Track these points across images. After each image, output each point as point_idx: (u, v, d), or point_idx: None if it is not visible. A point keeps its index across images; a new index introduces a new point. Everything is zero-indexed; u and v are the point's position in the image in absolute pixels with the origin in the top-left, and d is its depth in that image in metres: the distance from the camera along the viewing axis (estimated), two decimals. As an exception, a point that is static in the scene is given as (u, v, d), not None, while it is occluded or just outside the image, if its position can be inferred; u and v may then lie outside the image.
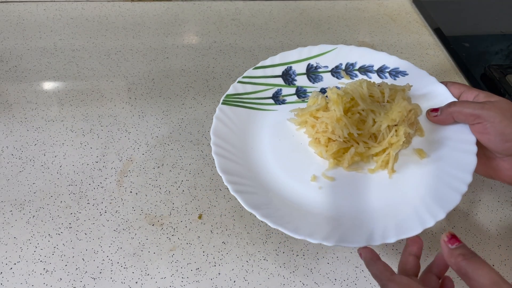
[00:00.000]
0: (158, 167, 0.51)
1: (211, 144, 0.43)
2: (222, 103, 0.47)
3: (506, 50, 0.74)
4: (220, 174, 0.41)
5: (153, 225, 0.46)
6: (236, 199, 0.39)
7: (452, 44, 0.72)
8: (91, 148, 0.52)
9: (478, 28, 0.79)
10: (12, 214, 0.46)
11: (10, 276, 0.41)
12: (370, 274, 0.43)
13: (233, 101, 0.48)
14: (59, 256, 0.43)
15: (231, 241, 0.45)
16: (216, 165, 0.41)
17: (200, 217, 0.47)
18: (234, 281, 0.42)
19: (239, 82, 0.49)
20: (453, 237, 0.34)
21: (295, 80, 0.51)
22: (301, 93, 0.51)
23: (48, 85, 0.60)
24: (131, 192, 0.49)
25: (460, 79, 0.67)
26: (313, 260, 0.44)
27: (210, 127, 0.45)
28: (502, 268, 0.45)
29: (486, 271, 0.31)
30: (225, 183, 0.40)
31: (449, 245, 0.33)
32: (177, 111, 0.58)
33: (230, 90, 0.48)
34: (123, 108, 0.58)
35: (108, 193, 0.48)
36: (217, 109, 0.46)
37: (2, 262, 0.42)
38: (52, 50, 0.65)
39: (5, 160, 0.50)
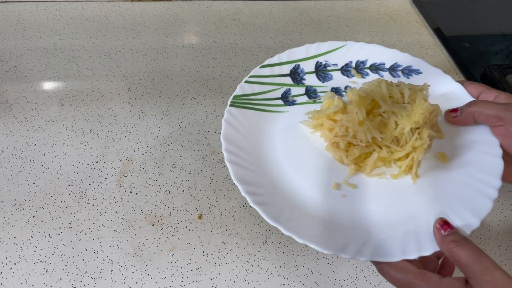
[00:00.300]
0: (158, 167, 0.51)
1: (224, 151, 0.39)
2: (231, 105, 0.43)
3: (506, 50, 0.74)
4: (237, 184, 0.37)
5: (153, 225, 0.46)
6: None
7: (452, 44, 0.72)
8: (91, 148, 0.52)
9: (478, 28, 0.79)
10: (12, 214, 0.46)
11: (10, 276, 0.41)
12: (369, 273, 0.44)
13: (241, 102, 0.45)
14: (59, 256, 0.43)
15: (231, 241, 0.45)
16: (232, 174, 0.38)
17: (200, 217, 0.47)
18: (234, 281, 0.42)
19: (246, 82, 0.46)
20: (445, 224, 0.34)
21: (304, 79, 0.48)
22: (311, 93, 0.48)
23: (48, 85, 0.60)
24: (131, 192, 0.49)
25: (460, 79, 0.67)
26: (313, 260, 0.44)
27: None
28: (502, 268, 0.45)
29: (478, 257, 0.31)
30: (243, 194, 0.37)
31: (442, 232, 0.33)
32: (177, 111, 0.58)
33: (237, 91, 0.45)
34: (123, 108, 0.58)
35: (108, 193, 0.48)
36: (225, 111, 0.43)
37: (2, 262, 0.42)
38: (52, 50, 0.65)
39: (5, 160, 0.50)
